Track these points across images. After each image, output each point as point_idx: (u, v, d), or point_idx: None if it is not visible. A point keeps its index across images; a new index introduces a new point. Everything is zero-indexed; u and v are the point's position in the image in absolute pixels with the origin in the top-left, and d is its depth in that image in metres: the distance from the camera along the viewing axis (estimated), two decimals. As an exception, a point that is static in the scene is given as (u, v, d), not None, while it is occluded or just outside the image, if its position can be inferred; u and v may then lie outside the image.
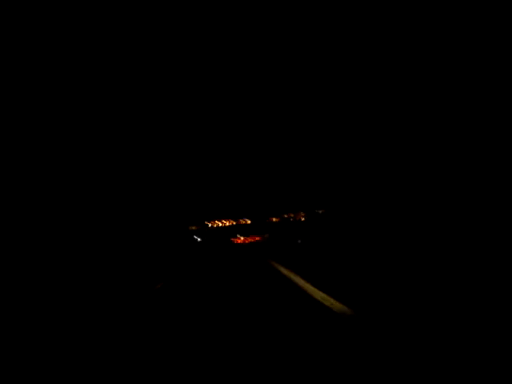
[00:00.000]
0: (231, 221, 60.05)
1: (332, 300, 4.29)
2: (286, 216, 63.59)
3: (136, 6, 26.10)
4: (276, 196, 61.06)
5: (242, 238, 33.45)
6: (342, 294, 4.71)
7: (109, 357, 2.64)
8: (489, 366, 1.83)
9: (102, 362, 2.46)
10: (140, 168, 28.81)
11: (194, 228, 53.43)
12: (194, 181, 48.51)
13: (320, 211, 46.18)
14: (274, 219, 61.88)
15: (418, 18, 17.08)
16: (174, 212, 39.61)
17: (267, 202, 62.48)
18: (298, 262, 12.08)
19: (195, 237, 43.79)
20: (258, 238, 34.47)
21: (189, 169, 45.32)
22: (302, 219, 55.31)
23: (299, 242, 28.11)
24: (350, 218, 26.81)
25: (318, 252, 18.17)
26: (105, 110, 22.23)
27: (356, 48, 23.31)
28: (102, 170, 22.40)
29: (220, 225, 59.96)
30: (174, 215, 39.37)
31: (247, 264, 12.86)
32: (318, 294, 4.96)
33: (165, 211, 35.64)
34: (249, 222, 58.82)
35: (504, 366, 1.75)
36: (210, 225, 59.61)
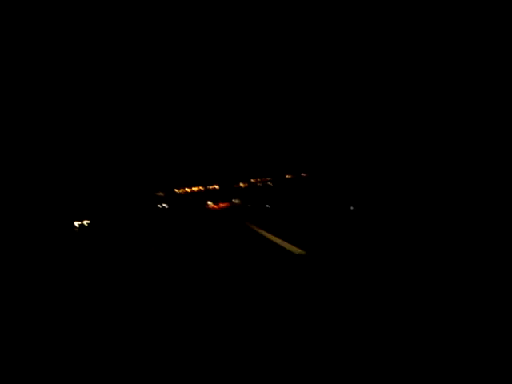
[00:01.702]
0: (200, 187, 59.89)
1: (298, 249, 5.20)
2: (253, 181, 64.00)
3: (136, 6, 25.04)
4: (243, 161, 61.04)
5: (214, 205, 33.51)
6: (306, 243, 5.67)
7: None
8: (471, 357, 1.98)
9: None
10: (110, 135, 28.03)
11: (161, 194, 52.84)
12: (160, 147, 47.57)
13: (288, 176, 46.91)
14: (241, 184, 62.20)
15: (417, 18, 17.09)
16: (142, 179, 39.04)
17: (234, 168, 62.44)
18: (270, 223, 12.97)
19: (161, 205, 43.01)
20: (227, 204, 34.59)
21: (155, 135, 44.33)
22: (270, 184, 55.95)
23: (268, 206, 28.82)
24: (320, 184, 27.36)
25: (287, 214, 18.58)
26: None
27: (356, 47, 23.19)
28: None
29: (188, 191, 59.64)
30: (141, 182, 38.83)
31: (226, 226, 13.71)
32: (284, 243, 6.04)
33: (133, 178, 35.07)
34: (217, 187, 58.89)
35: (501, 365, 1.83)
36: (177, 191, 59.13)
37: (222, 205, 35.26)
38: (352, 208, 15.69)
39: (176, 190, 58.43)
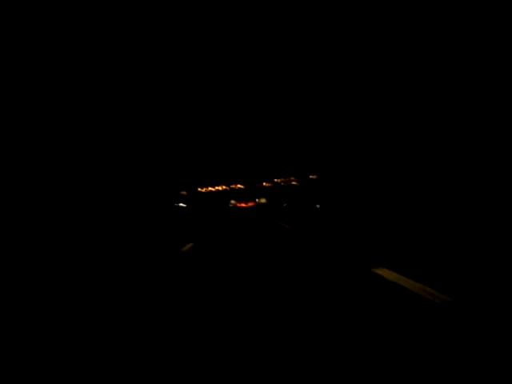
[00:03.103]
0: (223, 186, 59.86)
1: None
2: (277, 181, 63.62)
3: (136, 6, 25.53)
4: (267, 161, 60.80)
5: (242, 203, 34.28)
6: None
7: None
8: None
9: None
10: (132, 135, 28.27)
11: (184, 193, 53.19)
12: (185, 147, 47.84)
13: (312, 176, 46.14)
14: (265, 184, 61.82)
15: (418, 18, 16.74)
16: (166, 178, 39.22)
17: (258, 168, 62.32)
18: (301, 223, 13.36)
19: (181, 204, 42.93)
20: (252, 203, 35.01)
21: (181, 136, 44.58)
22: (294, 183, 55.37)
23: (318, 206, 28.32)
24: (343, 184, 26.98)
25: (315, 214, 18.62)
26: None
27: (356, 46, 22.89)
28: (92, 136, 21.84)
29: (212, 190, 59.76)
30: (165, 181, 39.01)
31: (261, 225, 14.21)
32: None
33: (157, 177, 35.25)
34: (242, 186, 58.69)
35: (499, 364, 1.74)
36: (201, 190, 59.39)
37: (249, 203, 35.47)
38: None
39: (199, 189, 58.70)
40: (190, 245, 7.65)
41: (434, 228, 8.37)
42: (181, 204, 43.01)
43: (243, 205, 34.59)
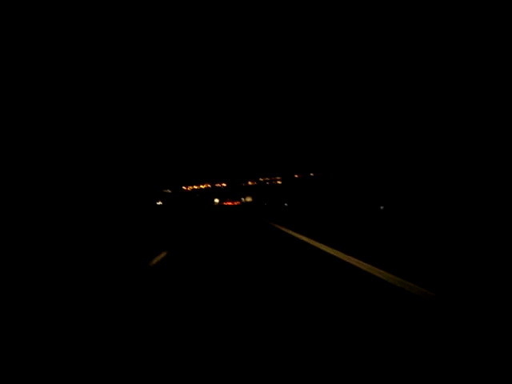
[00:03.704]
0: (207, 184, 59.30)
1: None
2: (261, 180, 63.38)
3: (136, 6, 25.15)
4: (252, 160, 60.60)
5: (229, 202, 34.33)
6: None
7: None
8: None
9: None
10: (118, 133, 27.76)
11: (168, 191, 52.50)
12: (171, 145, 47.31)
13: (296, 176, 46.12)
14: (250, 183, 61.51)
15: (418, 18, 16.82)
16: (150, 176, 38.63)
17: (242, 166, 62.04)
18: (290, 221, 13.16)
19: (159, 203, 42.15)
20: (237, 202, 34.91)
21: (166, 133, 44.07)
22: (279, 183, 55.24)
23: (286, 205, 28.68)
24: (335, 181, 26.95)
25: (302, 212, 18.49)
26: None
27: (356, 46, 22.93)
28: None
29: (195, 188, 59.14)
30: (149, 180, 38.41)
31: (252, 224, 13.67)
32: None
33: (141, 176, 34.69)
34: (224, 185, 58.25)
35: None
36: (185, 188, 58.73)
37: (235, 202, 35.32)
38: (382, 208, 15.67)
39: (184, 188, 58.03)
40: (164, 254, 6.14)
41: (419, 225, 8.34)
42: (159, 203, 42.32)
43: (229, 203, 34.55)
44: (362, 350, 1.87)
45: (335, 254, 4.87)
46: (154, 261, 5.42)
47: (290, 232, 8.62)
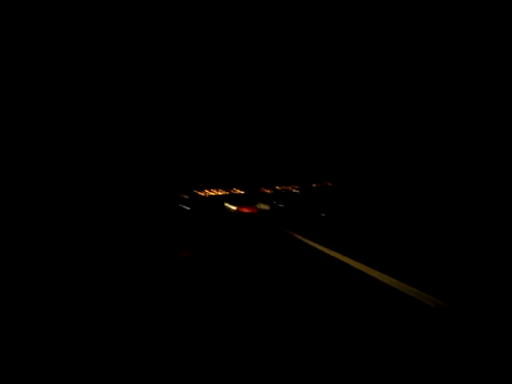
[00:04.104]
0: (222, 190, 59.16)
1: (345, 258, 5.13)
2: (277, 188, 63.05)
3: (136, 6, 25.43)
4: (268, 168, 60.37)
5: (246, 209, 34.29)
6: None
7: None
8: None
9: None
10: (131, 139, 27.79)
11: (184, 196, 52.45)
12: (184, 150, 47.42)
13: (314, 185, 45.64)
14: (266, 190, 61.15)
15: (418, 18, 16.68)
16: (165, 181, 38.60)
17: (259, 173, 61.84)
18: (310, 230, 13.51)
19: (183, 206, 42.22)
20: (254, 210, 34.67)
21: (180, 140, 44.19)
22: (295, 191, 54.78)
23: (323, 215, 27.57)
24: (347, 192, 26.95)
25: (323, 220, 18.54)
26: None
27: (356, 47, 22.93)
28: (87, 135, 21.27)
29: (211, 194, 59.02)
30: (164, 184, 38.40)
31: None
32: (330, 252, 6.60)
33: (156, 180, 34.67)
34: (242, 192, 58.00)
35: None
36: (200, 194, 58.68)
37: (251, 209, 35.13)
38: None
39: (199, 193, 57.90)
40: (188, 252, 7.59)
41: (427, 233, 8.79)
42: (184, 206, 42.27)
43: (246, 210, 34.37)
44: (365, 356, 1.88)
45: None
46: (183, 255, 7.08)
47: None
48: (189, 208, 43.03)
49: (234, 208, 45.43)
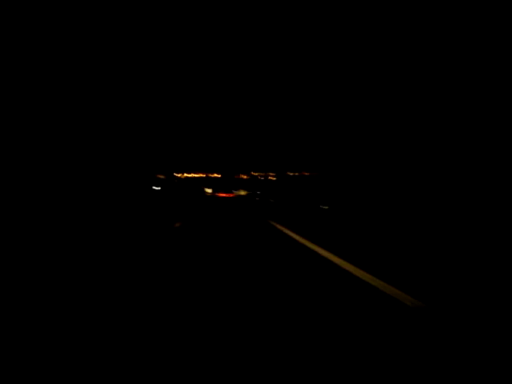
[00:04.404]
0: (200, 173, 59.26)
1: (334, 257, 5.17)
2: (254, 174, 63.49)
3: (136, 7, 24.92)
4: (246, 153, 60.66)
5: (223, 193, 34.51)
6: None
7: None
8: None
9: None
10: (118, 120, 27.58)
11: (161, 177, 52.21)
12: (166, 132, 47.03)
13: (291, 174, 46.32)
14: (242, 176, 61.65)
15: (418, 18, 16.80)
16: (143, 162, 38.33)
17: (236, 159, 62.04)
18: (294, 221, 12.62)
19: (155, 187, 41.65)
20: (231, 194, 35.06)
21: (163, 122, 43.80)
22: (273, 179, 55.43)
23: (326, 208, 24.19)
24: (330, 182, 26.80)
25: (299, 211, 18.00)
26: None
27: (356, 47, 22.90)
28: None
29: (188, 176, 59.09)
30: (143, 165, 38.15)
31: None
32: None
33: (135, 161, 34.47)
34: (218, 175, 58.31)
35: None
36: (177, 175, 58.58)
37: (229, 194, 35.32)
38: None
39: (175, 174, 57.84)
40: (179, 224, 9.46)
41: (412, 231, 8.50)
42: (156, 187, 41.89)
43: (223, 194, 34.73)
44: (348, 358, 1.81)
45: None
46: (176, 225, 9.30)
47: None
48: (159, 188, 42.90)
49: (209, 191, 45.72)
